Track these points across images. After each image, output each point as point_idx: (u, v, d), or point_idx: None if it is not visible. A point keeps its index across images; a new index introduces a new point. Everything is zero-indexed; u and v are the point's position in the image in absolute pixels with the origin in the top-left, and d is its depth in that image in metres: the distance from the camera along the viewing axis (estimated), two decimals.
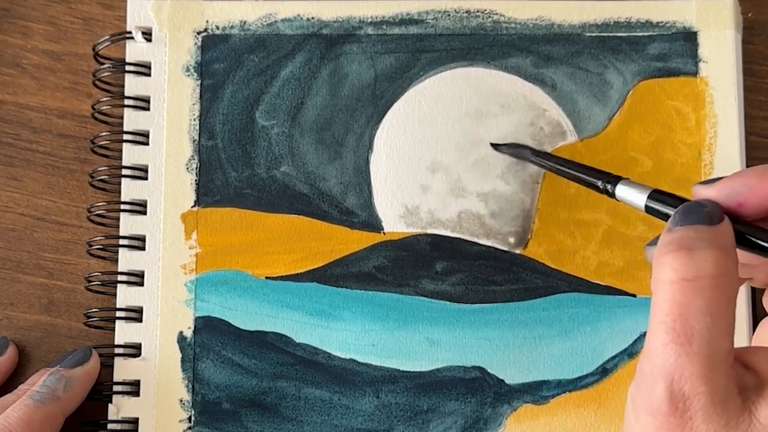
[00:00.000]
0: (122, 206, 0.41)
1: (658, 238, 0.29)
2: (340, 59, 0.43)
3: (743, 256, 0.29)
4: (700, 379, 0.25)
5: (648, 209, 0.31)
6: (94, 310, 0.41)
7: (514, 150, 0.41)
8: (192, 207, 0.42)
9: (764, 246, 0.28)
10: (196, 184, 0.42)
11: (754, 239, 0.28)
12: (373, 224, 0.42)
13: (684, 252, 0.26)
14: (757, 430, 0.25)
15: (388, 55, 0.43)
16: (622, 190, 0.33)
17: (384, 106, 0.42)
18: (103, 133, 0.42)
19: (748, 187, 0.28)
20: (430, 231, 0.41)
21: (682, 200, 0.30)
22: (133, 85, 0.43)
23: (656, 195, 0.31)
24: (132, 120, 0.42)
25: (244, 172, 0.42)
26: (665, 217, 0.30)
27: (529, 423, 0.40)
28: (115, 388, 0.40)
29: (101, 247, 0.41)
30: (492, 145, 0.41)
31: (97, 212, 0.42)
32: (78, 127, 0.43)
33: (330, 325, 0.41)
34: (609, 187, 0.33)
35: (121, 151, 0.42)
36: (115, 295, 0.41)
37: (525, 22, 0.43)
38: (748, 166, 0.41)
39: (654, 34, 0.42)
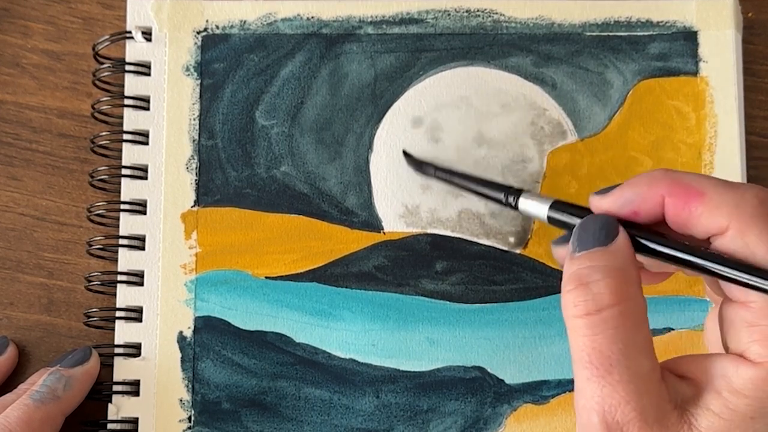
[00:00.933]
0: (122, 206, 0.41)
1: (563, 237, 0.31)
2: (340, 59, 0.43)
3: (653, 263, 0.29)
4: (628, 404, 0.26)
5: (550, 220, 0.32)
6: (94, 309, 0.41)
7: (418, 165, 0.41)
8: (192, 207, 0.42)
9: (661, 252, 0.28)
10: (196, 183, 0.42)
11: (651, 246, 0.28)
12: (373, 224, 0.42)
13: (582, 288, 0.27)
14: None
15: (388, 54, 0.43)
16: (524, 203, 0.33)
17: (384, 105, 0.42)
18: (103, 133, 0.42)
19: (639, 195, 0.29)
20: (430, 231, 0.41)
21: (583, 209, 0.31)
22: (133, 84, 0.43)
23: (557, 205, 0.32)
24: (132, 120, 0.42)
25: (244, 171, 0.42)
26: (568, 227, 0.31)
27: (529, 423, 0.40)
28: (115, 387, 0.40)
29: (101, 246, 0.41)
30: (404, 152, 0.41)
31: (97, 212, 0.42)
32: (78, 127, 0.43)
33: (330, 325, 0.41)
34: (512, 199, 0.34)
35: (121, 150, 0.42)
36: (115, 295, 0.41)
37: (525, 21, 0.43)
38: (748, 166, 0.42)
39: (654, 33, 0.42)
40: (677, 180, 0.28)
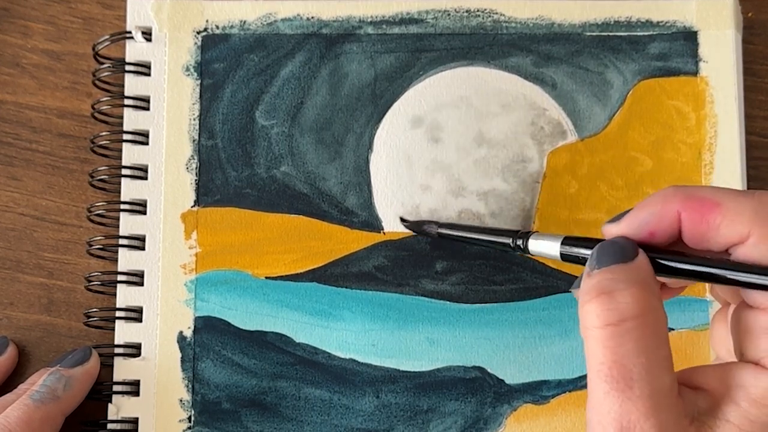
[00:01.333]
0: (122, 206, 0.41)
1: (581, 279, 0.29)
2: (340, 59, 0.43)
3: (673, 281, 0.29)
4: (648, 420, 0.25)
5: (564, 257, 0.31)
6: (94, 309, 0.41)
7: (419, 227, 0.41)
8: (192, 207, 0.42)
9: (683, 269, 0.28)
10: (196, 183, 0.42)
11: (671, 265, 0.28)
12: (373, 224, 0.42)
13: (605, 297, 0.26)
14: None
15: (388, 54, 0.43)
16: (534, 244, 0.33)
17: (384, 105, 0.42)
18: (103, 133, 0.42)
19: (654, 215, 0.28)
20: None
21: (596, 241, 0.30)
22: (133, 84, 0.42)
23: (569, 241, 0.31)
24: (132, 120, 0.42)
25: (244, 171, 0.42)
26: (582, 261, 0.30)
27: (529, 423, 0.40)
28: (115, 388, 0.40)
29: (101, 246, 0.41)
30: (401, 219, 0.41)
31: (97, 212, 0.42)
32: (78, 127, 0.43)
33: (330, 325, 0.41)
34: (521, 243, 0.34)
35: (121, 150, 0.42)
36: (115, 295, 0.41)
37: (525, 21, 0.43)
38: (748, 166, 0.42)
39: (654, 33, 0.42)
40: (691, 194, 0.28)
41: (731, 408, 0.26)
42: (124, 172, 0.42)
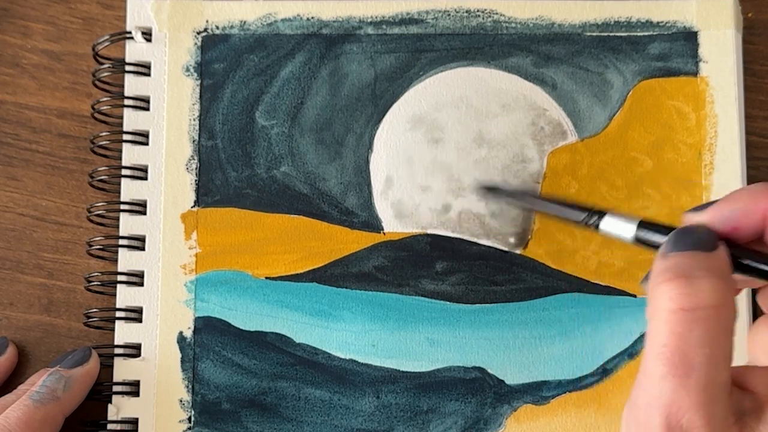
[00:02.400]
0: (122, 206, 0.41)
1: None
2: (340, 59, 0.43)
3: (740, 279, 0.28)
4: (698, 412, 0.25)
5: (638, 240, 0.30)
6: (94, 310, 0.41)
7: (494, 193, 0.39)
8: (192, 207, 0.42)
9: (761, 270, 0.27)
10: (196, 184, 0.42)
11: (751, 264, 0.27)
12: (373, 224, 0.42)
13: (683, 281, 0.25)
14: None
15: (388, 54, 0.43)
16: (607, 224, 0.31)
17: (384, 106, 0.42)
18: (103, 133, 0.42)
19: (741, 210, 0.27)
20: (430, 231, 0.41)
21: (673, 229, 0.29)
22: (132, 85, 0.42)
23: (645, 225, 0.30)
24: (132, 120, 0.42)
25: (244, 172, 0.42)
26: (656, 247, 0.29)
27: (529, 423, 0.40)
28: (115, 388, 0.40)
29: (101, 247, 0.41)
30: (478, 184, 0.41)
31: (97, 212, 0.41)
32: (78, 127, 0.43)
33: (330, 325, 0.41)
34: (594, 220, 0.32)
35: (120, 151, 0.42)
36: (114, 295, 0.41)
37: (525, 21, 0.43)
38: (748, 166, 0.42)
39: (654, 33, 0.42)
40: None
41: None
42: (124, 172, 0.42)
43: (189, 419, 0.40)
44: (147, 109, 0.42)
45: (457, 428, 0.40)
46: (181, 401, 0.40)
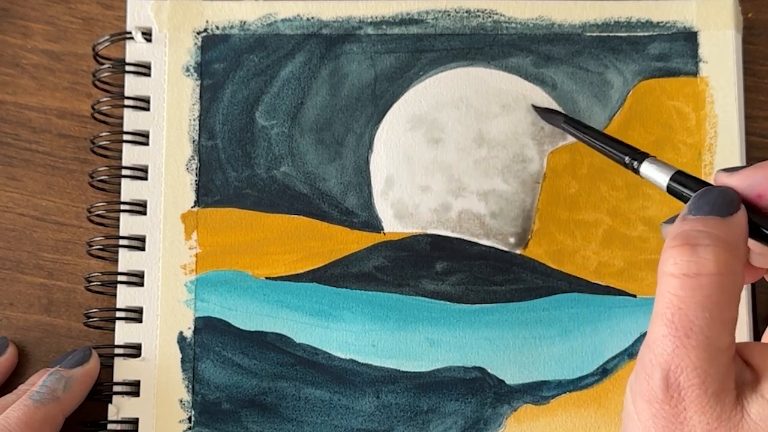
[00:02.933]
0: (122, 206, 0.41)
1: (675, 217, 0.30)
2: (340, 59, 0.43)
3: (761, 247, 0.29)
4: (695, 371, 0.26)
5: (670, 189, 0.31)
6: (94, 310, 0.41)
7: (549, 115, 0.41)
8: (192, 207, 0.42)
9: None
10: (196, 184, 0.42)
11: (765, 231, 0.28)
12: (373, 224, 0.42)
13: (688, 248, 0.27)
14: (748, 425, 0.26)
15: (388, 55, 0.43)
16: (646, 168, 0.33)
17: (384, 106, 0.42)
18: (103, 133, 0.42)
19: None
20: (430, 231, 0.41)
21: (705, 184, 0.30)
22: (132, 85, 0.42)
23: (679, 177, 0.31)
24: (132, 120, 0.42)
25: (244, 172, 0.42)
26: (685, 199, 0.30)
27: (529, 423, 0.40)
28: (115, 388, 0.40)
29: (101, 247, 0.41)
30: (533, 106, 0.42)
31: (97, 212, 0.42)
32: (78, 127, 0.43)
33: (330, 326, 0.41)
34: (635, 163, 0.34)
35: (121, 151, 0.42)
36: (115, 295, 0.41)
37: (525, 21, 0.43)
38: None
39: (654, 34, 0.42)
40: None
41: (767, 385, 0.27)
42: (124, 172, 0.42)
43: (189, 419, 0.40)
44: (147, 109, 0.42)
45: (457, 428, 0.40)
46: (181, 401, 0.40)
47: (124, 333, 0.41)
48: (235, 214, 0.42)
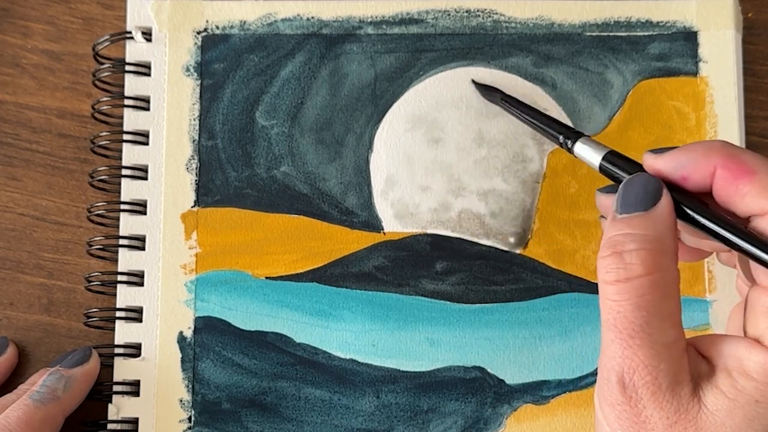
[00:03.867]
0: (122, 206, 0.41)
1: (609, 187, 0.32)
2: (340, 59, 0.43)
3: (690, 228, 0.30)
4: (646, 368, 0.27)
5: (602, 169, 0.33)
6: (94, 310, 0.41)
7: (487, 92, 0.42)
8: (192, 207, 0.42)
9: (700, 222, 0.29)
10: (196, 184, 0.42)
11: (690, 213, 0.29)
12: (373, 224, 0.42)
13: (616, 256, 0.28)
14: (705, 416, 0.27)
15: (388, 54, 0.43)
16: (580, 147, 0.34)
17: (384, 106, 0.42)
18: (103, 133, 0.42)
19: (692, 162, 0.29)
20: (430, 231, 0.41)
21: (636, 164, 0.31)
22: (133, 85, 0.42)
23: (611, 157, 0.32)
24: (132, 120, 0.42)
25: (244, 172, 0.42)
26: (617, 180, 0.31)
27: (529, 423, 0.40)
28: (115, 388, 0.40)
29: (101, 247, 0.41)
30: (472, 81, 0.42)
31: (97, 212, 0.42)
32: (78, 127, 0.43)
33: (330, 325, 0.41)
34: (569, 142, 0.34)
35: (121, 151, 0.42)
36: (115, 295, 0.41)
37: (525, 21, 0.43)
38: None
39: (654, 33, 0.42)
40: (733, 154, 0.29)
41: (723, 376, 0.28)
42: (124, 172, 0.42)
43: (189, 419, 0.40)
44: (147, 109, 0.42)
45: (457, 428, 0.40)
46: (181, 401, 0.40)
47: (124, 333, 0.41)
48: (235, 214, 0.42)
